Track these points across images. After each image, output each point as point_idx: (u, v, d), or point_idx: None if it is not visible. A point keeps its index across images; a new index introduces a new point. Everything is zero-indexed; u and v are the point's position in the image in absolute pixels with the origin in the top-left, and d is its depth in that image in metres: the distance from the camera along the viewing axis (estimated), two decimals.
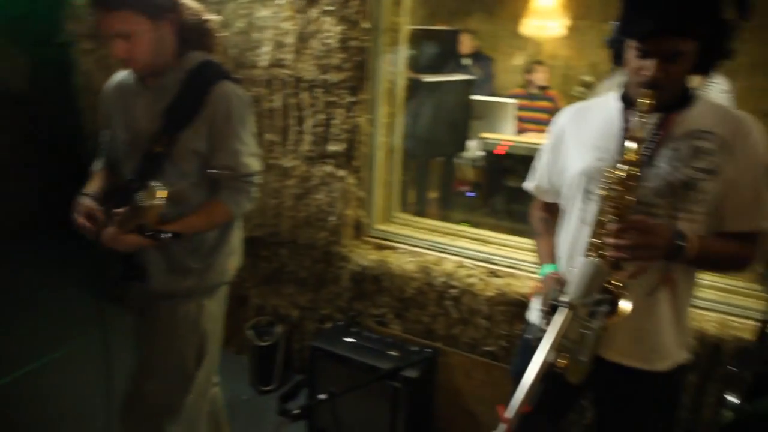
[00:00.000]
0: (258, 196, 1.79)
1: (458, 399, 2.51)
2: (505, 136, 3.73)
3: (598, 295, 1.15)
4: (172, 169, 1.62)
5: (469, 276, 2.43)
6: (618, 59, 1.38)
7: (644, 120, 1.27)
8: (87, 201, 1.63)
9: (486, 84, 5.21)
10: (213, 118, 1.61)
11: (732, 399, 1.76)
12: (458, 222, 2.85)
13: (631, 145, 1.28)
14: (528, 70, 4.84)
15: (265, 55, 2.57)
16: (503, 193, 3.71)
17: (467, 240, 2.65)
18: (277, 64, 2.57)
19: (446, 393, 2.53)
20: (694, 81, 1.36)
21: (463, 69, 4.99)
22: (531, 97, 4.64)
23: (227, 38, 2.64)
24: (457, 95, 3.26)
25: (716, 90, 3.75)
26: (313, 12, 2.42)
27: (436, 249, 2.61)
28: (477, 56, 5.30)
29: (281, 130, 2.68)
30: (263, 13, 2.53)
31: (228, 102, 1.63)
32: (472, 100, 3.58)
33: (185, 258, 1.71)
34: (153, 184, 1.49)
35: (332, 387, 2.24)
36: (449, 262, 2.51)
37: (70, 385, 2.83)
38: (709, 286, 2.18)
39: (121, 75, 1.75)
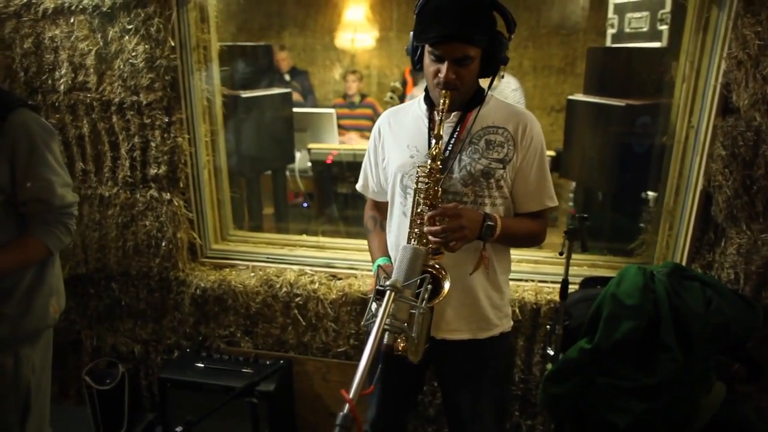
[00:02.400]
0: (76, 230, 1.66)
1: (318, 403, 2.56)
2: (330, 145, 3.87)
3: (420, 277, 1.28)
4: None
5: (312, 282, 2.49)
6: (417, 64, 1.57)
7: (442, 118, 1.46)
8: None
9: (308, 97, 5.35)
10: (13, 150, 1.49)
11: (550, 352, 2.05)
12: (299, 233, 2.90)
13: (433, 141, 1.46)
14: (345, 80, 5.08)
15: (63, 78, 2.38)
16: (336, 199, 3.84)
17: (305, 248, 2.71)
18: (78, 87, 2.40)
19: (306, 399, 2.56)
20: (486, 82, 1.59)
21: (285, 85, 5.08)
22: (352, 105, 4.87)
23: (13, 60, 2.40)
24: (277, 109, 3.31)
25: (509, 89, 4.27)
26: (113, 31, 2.30)
27: (277, 261, 2.64)
28: (294, 71, 5.43)
29: (94, 157, 2.50)
30: (54, 32, 2.34)
31: (28, 131, 1.51)
32: (294, 112, 3.66)
33: None
34: None
35: (189, 416, 2.17)
36: (291, 272, 2.54)
37: None
38: (524, 260, 2.49)
39: None
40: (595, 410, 1.88)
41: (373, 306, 1.71)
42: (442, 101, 1.46)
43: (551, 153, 3.52)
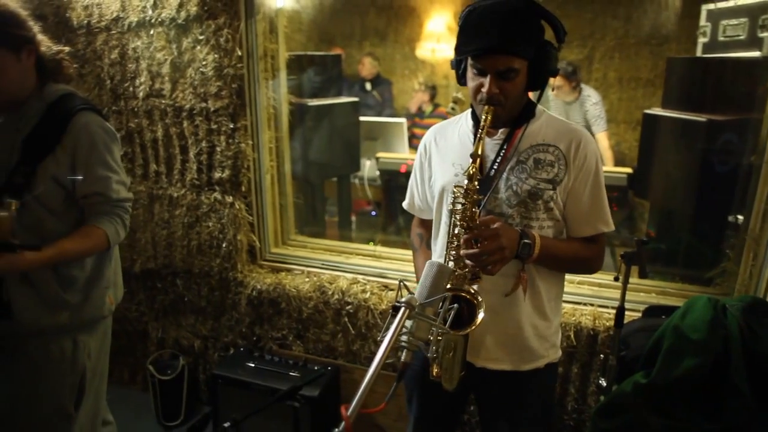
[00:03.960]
0: (147, 227, 1.75)
1: (363, 413, 2.54)
2: (399, 154, 3.87)
3: (443, 295, 1.22)
4: (32, 201, 1.59)
5: (363, 291, 2.49)
6: (462, 79, 1.49)
7: (481, 135, 1.38)
8: None
9: (387, 106, 5.40)
10: (75, 148, 1.60)
11: (602, 383, 1.91)
12: (365, 241, 2.92)
13: (471, 160, 1.39)
14: (416, 90, 5.09)
15: (142, 85, 2.55)
16: (402, 209, 3.82)
17: (361, 257, 2.72)
18: (155, 94, 2.56)
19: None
20: (571, 94, 1.49)
21: (364, 93, 5.15)
22: (421, 115, 4.86)
23: (102, 69, 2.60)
24: (344, 117, 3.35)
25: (589, 102, 4.08)
26: (186, 42, 2.44)
27: (332, 268, 2.66)
28: (378, 79, 5.49)
29: (165, 160, 2.66)
30: (137, 43, 2.52)
31: (90, 131, 1.63)
32: (365, 121, 3.69)
33: (59, 291, 1.65)
34: (4, 200, 1.45)
35: (236, 414, 2.23)
36: (344, 280, 2.56)
37: None
38: (585, 282, 2.36)
39: None
40: None
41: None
42: (484, 117, 1.38)
43: (628, 170, 3.32)
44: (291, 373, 2.42)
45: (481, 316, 1.37)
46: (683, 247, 2.65)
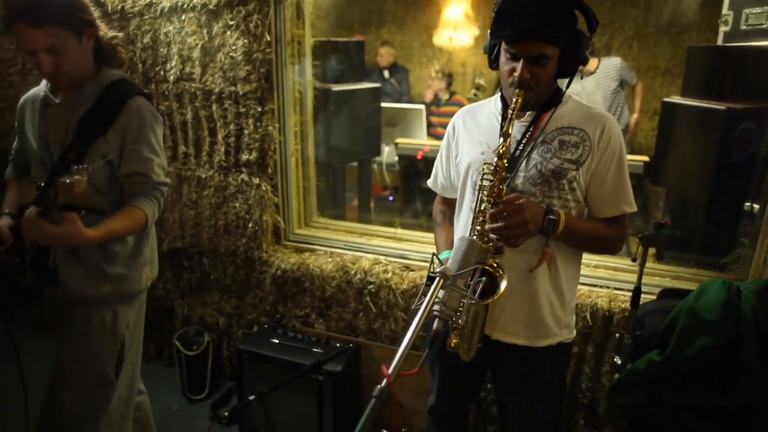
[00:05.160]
0: (176, 208, 1.83)
1: (399, 376, 2.62)
2: (417, 140, 3.93)
3: (473, 268, 1.30)
4: None
5: (385, 271, 2.57)
6: (494, 63, 1.56)
7: (512, 116, 1.44)
8: (2, 219, 1.67)
9: (405, 93, 5.45)
10: (125, 129, 1.69)
11: (617, 361, 1.98)
12: (383, 225, 2.99)
13: (501, 139, 1.46)
14: (432, 78, 5.14)
15: (173, 69, 2.63)
16: (420, 195, 3.89)
17: (383, 239, 2.79)
18: (185, 78, 2.63)
19: (372, 384, 2.61)
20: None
21: (382, 80, 5.21)
22: (438, 103, 4.91)
23: (134, 54, 2.68)
24: (366, 102, 3.41)
25: (615, 64, 4.20)
26: (217, 27, 2.51)
27: (354, 249, 2.74)
28: (395, 67, 5.54)
29: (195, 142, 2.74)
30: (168, 28, 2.59)
31: (140, 115, 1.71)
32: (384, 107, 3.75)
33: (101, 264, 1.75)
34: (75, 166, 1.51)
35: (260, 388, 2.33)
36: (366, 260, 2.64)
37: None
38: (601, 265, 2.42)
39: (37, 88, 1.81)
40: (660, 427, 1.80)
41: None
42: (514, 100, 1.44)
43: (645, 158, 3.36)
44: (314, 350, 2.50)
45: (503, 285, 1.45)
46: (699, 234, 2.70)
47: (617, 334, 2.03)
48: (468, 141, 1.66)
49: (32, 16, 1.52)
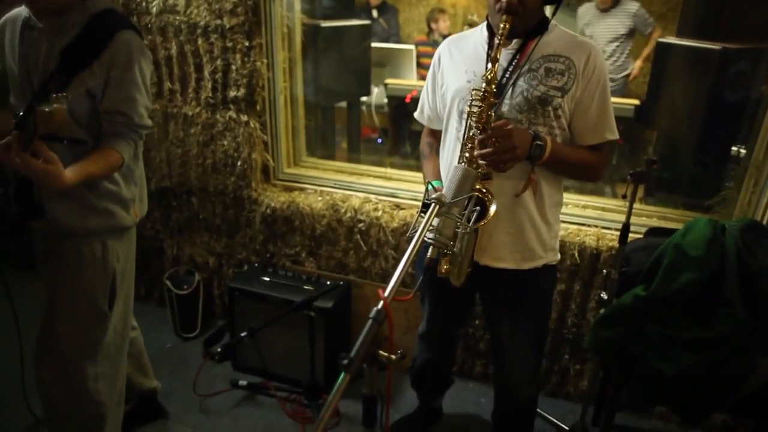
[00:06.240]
0: (162, 146, 1.77)
1: (394, 301, 2.67)
2: (408, 81, 3.87)
3: (467, 196, 1.31)
4: None
5: (375, 210, 2.57)
6: None
7: (500, 42, 1.44)
8: None
9: (393, 34, 5.31)
10: (112, 64, 1.62)
11: (604, 296, 2.03)
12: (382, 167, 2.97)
13: (489, 65, 1.46)
14: (432, 18, 4.99)
15: (155, 1, 2.52)
16: (409, 137, 3.86)
17: (372, 178, 2.78)
18: (168, 10, 2.53)
19: (362, 321, 2.65)
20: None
21: (371, 20, 5.06)
22: (434, 44, 4.79)
23: None
24: (355, 41, 3.33)
25: (632, 7, 4.07)
26: None
27: (343, 188, 2.73)
28: (384, 6, 5.38)
29: (180, 78, 2.66)
30: None
31: (129, 50, 1.64)
32: (374, 47, 3.67)
33: (88, 196, 1.72)
34: (55, 95, 1.47)
35: (252, 324, 2.36)
36: (356, 199, 2.64)
37: None
38: (589, 205, 2.46)
39: (19, 8, 1.71)
40: (643, 358, 1.86)
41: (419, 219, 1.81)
42: (502, 26, 1.44)
43: (635, 102, 3.34)
44: (305, 287, 2.53)
45: (493, 209, 1.48)
46: (686, 176, 2.73)
47: (604, 271, 2.08)
48: (454, 70, 1.66)
49: None
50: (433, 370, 2.14)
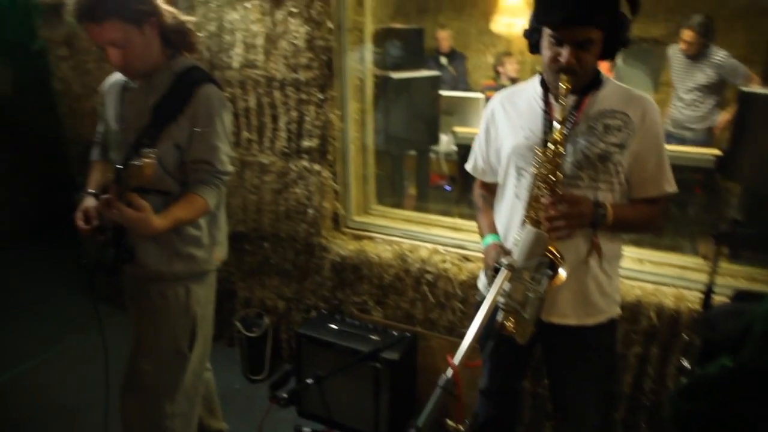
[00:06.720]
0: (238, 193, 1.87)
1: (463, 367, 2.63)
2: (476, 129, 3.86)
3: (539, 260, 1.29)
4: None
5: (443, 261, 2.56)
6: (534, 48, 1.56)
7: (563, 102, 1.45)
8: (88, 200, 1.76)
9: (461, 80, 5.37)
10: (195, 116, 1.74)
11: (685, 364, 1.91)
12: (439, 214, 2.98)
13: (556, 125, 1.46)
14: (499, 62, 5.02)
15: (237, 56, 2.68)
16: None
17: (441, 228, 2.77)
18: (248, 64, 2.67)
19: (428, 374, 2.65)
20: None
21: (439, 67, 5.14)
22: (502, 88, 4.80)
23: (201, 41, 2.74)
24: (425, 91, 3.39)
25: (720, 55, 3.80)
26: (280, 14, 2.53)
27: (412, 237, 2.74)
28: (453, 54, 5.47)
29: (257, 128, 2.79)
30: (233, 16, 2.64)
31: (210, 103, 1.76)
32: (443, 95, 3.71)
33: (175, 243, 1.82)
34: (145, 150, 1.58)
35: (319, 371, 2.37)
36: (424, 249, 2.63)
37: (69, 380, 2.95)
38: (666, 263, 2.34)
39: (117, 75, 1.88)
40: None
41: (480, 283, 1.78)
42: (562, 86, 1.44)
43: (716, 152, 3.19)
44: (371, 337, 2.53)
45: (563, 272, 1.49)
46: None
47: (685, 336, 1.96)
48: (509, 126, 1.66)
49: (93, 13, 1.59)
50: (496, 426, 2.08)
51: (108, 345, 1.87)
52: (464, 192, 3.99)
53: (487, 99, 4.52)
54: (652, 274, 2.29)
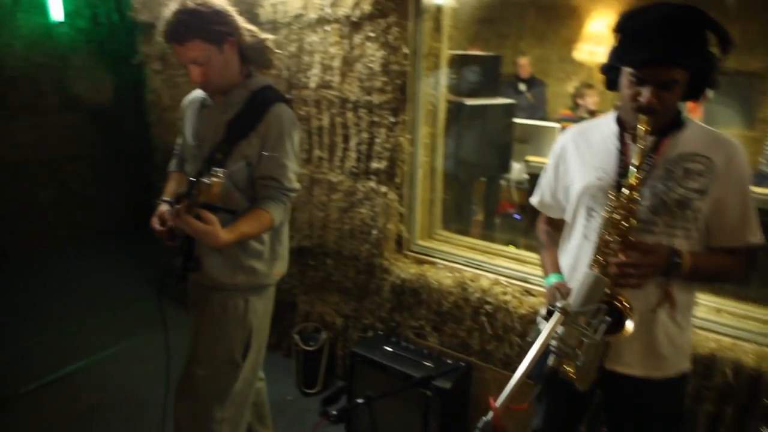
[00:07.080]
0: (306, 209, 1.91)
1: (507, 409, 2.55)
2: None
3: (596, 306, 1.23)
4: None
5: (504, 293, 2.49)
6: (610, 84, 1.49)
7: (641, 145, 1.37)
8: (163, 206, 1.86)
9: (539, 109, 5.28)
10: (266, 134, 1.81)
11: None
12: (505, 243, 2.92)
13: (632, 169, 1.38)
14: (579, 94, 4.88)
15: (314, 77, 2.76)
16: None
17: (505, 259, 2.71)
18: (325, 85, 2.75)
19: (480, 407, 2.58)
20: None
21: (517, 93, 5.08)
22: (579, 120, 4.67)
23: (281, 61, 2.86)
24: (499, 118, 3.36)
25: None
26: (358, 38, 2.60)
27: (474, 266, 2.69)
28: (532, 81, 5.39)
29: (329, 147, 2.86)
30: (313, 38, 2.73)
31: (281, 122, 1.83)
32: (517, 123, 3.66)
33: (239, 256, 1.89)
34: (214, 169, 1.65)
35: (370, 392, 2.37)
36: (486, 279, 2.58)
37: (134, 375, 3.10)
38: (747, 316, 2.17)
39: (196, 92, 2.00)
40: None
41: (541, 323, 1.72)
42: (643, 128, 1.36)
43: None
44: (425, 363, 2.50)
45: (630, 325, 1.39)
46: None
47: (767, 401, 1.80)
48: (581, 164, 1.59)
49: (176, 35, 1.69)
50: None
51: (176, 345, 1.95)
52: (532, 222, 3.90)
53: (563, 129, 4.43)
54: (731, 327, 2.12)
